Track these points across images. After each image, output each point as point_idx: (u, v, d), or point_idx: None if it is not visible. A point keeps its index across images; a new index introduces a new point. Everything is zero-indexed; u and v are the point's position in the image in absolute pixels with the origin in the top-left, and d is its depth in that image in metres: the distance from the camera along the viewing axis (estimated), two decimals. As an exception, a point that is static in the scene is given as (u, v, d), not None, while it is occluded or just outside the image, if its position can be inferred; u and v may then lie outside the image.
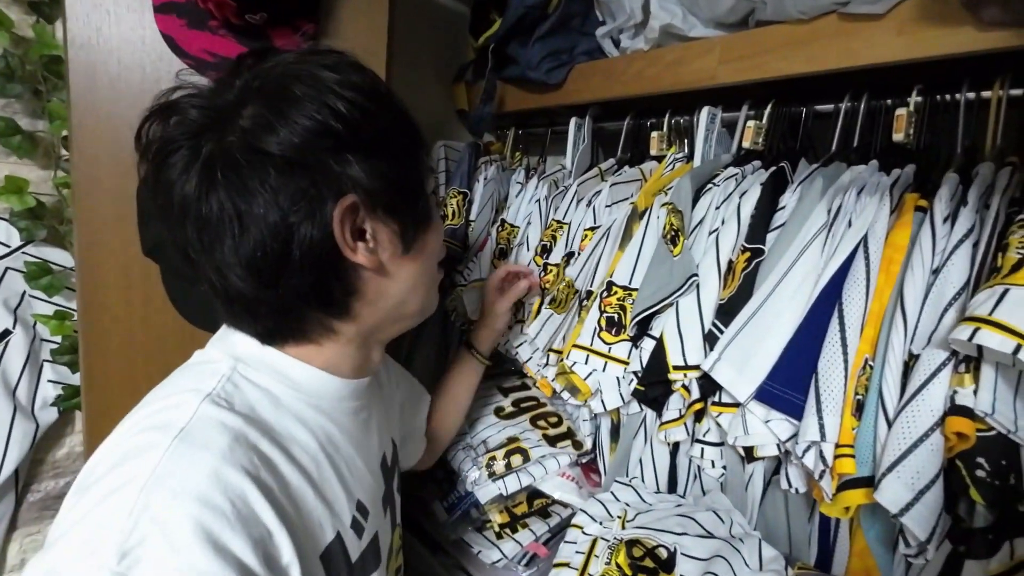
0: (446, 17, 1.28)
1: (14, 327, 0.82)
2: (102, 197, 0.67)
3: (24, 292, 0.84)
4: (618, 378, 0.75)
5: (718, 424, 0.69)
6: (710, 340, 0.65)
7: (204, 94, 0.41)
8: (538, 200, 1.02)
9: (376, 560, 0.50)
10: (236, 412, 0.40)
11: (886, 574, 0.57)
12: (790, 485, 0.61)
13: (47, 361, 0.86)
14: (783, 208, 0.67)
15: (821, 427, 0.51)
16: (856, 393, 0.52)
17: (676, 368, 0.66)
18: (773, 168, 0.72)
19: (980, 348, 0.45)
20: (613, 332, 0.76)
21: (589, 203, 0.92)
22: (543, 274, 0.93)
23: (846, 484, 0.52)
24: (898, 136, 0.65)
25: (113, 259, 0.69)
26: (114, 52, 0.64)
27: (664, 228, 0.73)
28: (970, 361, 0.47)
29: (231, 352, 0.45)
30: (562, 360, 0.76)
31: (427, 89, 1.24)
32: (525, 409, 0.95)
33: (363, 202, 0.42)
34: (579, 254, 0.88)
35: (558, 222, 0.96)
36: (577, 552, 0.70)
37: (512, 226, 1.05)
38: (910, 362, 0.52)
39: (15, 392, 0.82)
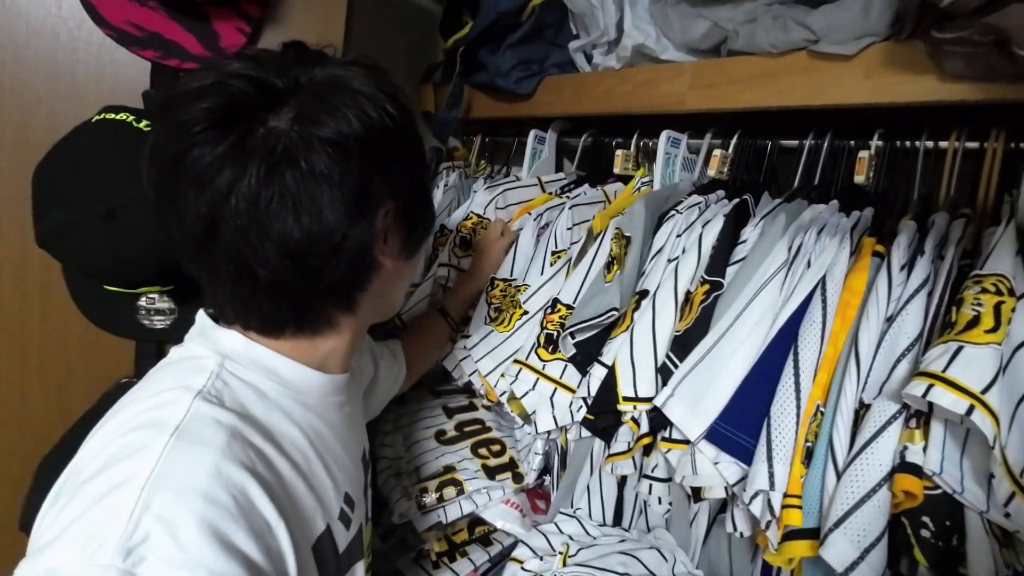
0: (416, 14, 1.24)
1: None
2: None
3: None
4: (551, 399, 0.72)
5: (667, 460, 0.67)
6: (663, 373, 0.62)
7: (251, 78, 0.40)
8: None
9: (360, 551, 0.51)
10: (228, 409, 0.40)
11: (826, 623, 0.55)
12: (735, 528, 0.59)
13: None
14: (744, 242, 0.65)
15: (771, 475, 0.49)
16: (806, 440, 0.51)
17: (626, 399, 0.63)
18: (737, 200, 0.71)
19: (931, 404, 0.44)
20: (550, 349, 0.73)
21: (539, 220, 0.90)
22: (489, 288, 0.90)
23: (792, 535, 0.50)
24: (859, 178, 0.65)
25: (7, 248, 0.61)
26: (22, 15, 0.57)
27: (608, 253, 0.71)
28: (921, 416, 0.46)
29: (217, 349, 0.44)
30: (484, 376, 0.74)
31: (391, 87, 1.19)
32: (468, 434, 0.90)
33: (395, 206, 0.45)
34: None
35: (478, 215, 0.93)
36: (514, 591, 0.66)
37: (480, 216, 0.99)
38: (861, 411, 0.51)
39: None
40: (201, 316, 0.47)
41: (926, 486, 0.44)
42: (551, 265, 0.85)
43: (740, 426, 0.53)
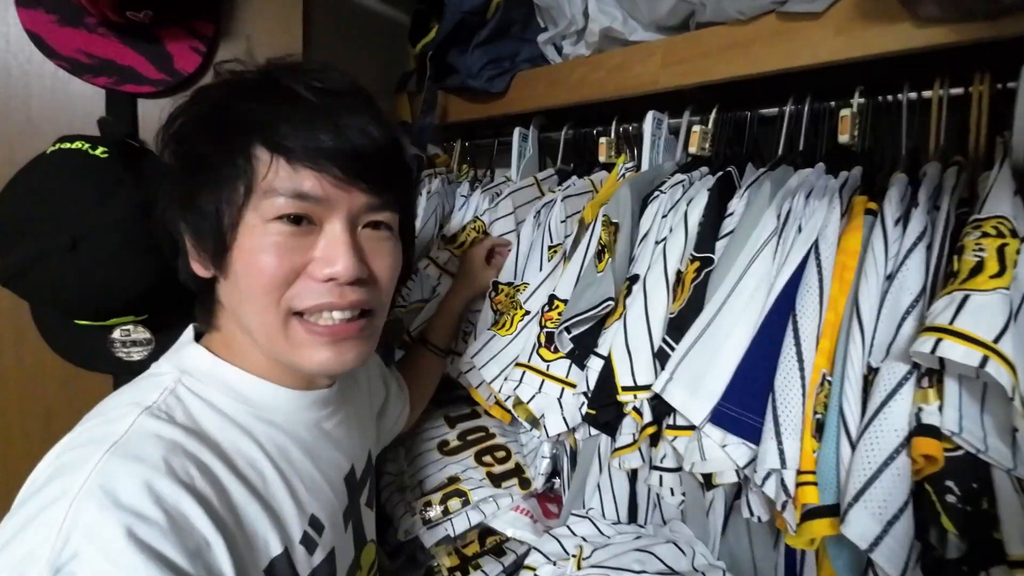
0: (386, 25, 1.23)
1: None
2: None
3: None
4: (560, 400, 0.69)
5: (674, 448, 0.64)
6: (660, 358, 0.60)
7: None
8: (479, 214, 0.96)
9: None
10: (176, 424, 0.40)
11: (856, 606, 0.52)
12: (752, 513, 0.56)
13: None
14: (731, 214, 0.63)
15: (780, 452, 0.46)
16: (815, 412, 0.48)
17: (625, 389, 0.61)
18: (720, 173, 0.69)
19: (942, 360, 0.41)
20: (552, 349, 0.70)
21: (537, 217, 0.88)
22: (493, 294, 0.88)
23: (810, 514, 0.47)
24: (843, 138, 0.63)
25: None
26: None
27: (598, 241, 0.69)
28: (933, 374, 0.43)
29: (179, 365, 0.45)
30: (489, 383, 0.71)
31: (366, 100, 1.18)
32: (472, 443, 0.88)
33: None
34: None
35: (480, 219, 0.91)
36: (528, 600, 0.63)
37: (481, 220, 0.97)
38: (870, 376, 0.48)
39: None
40: (186, 332, 0.48)
41: (946, 448, 0.42)
42: (548, 260, 0.83)
43: (744, 404, 0.51)
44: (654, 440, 0.67)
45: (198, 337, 0.48)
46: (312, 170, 0.41)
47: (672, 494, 0.67)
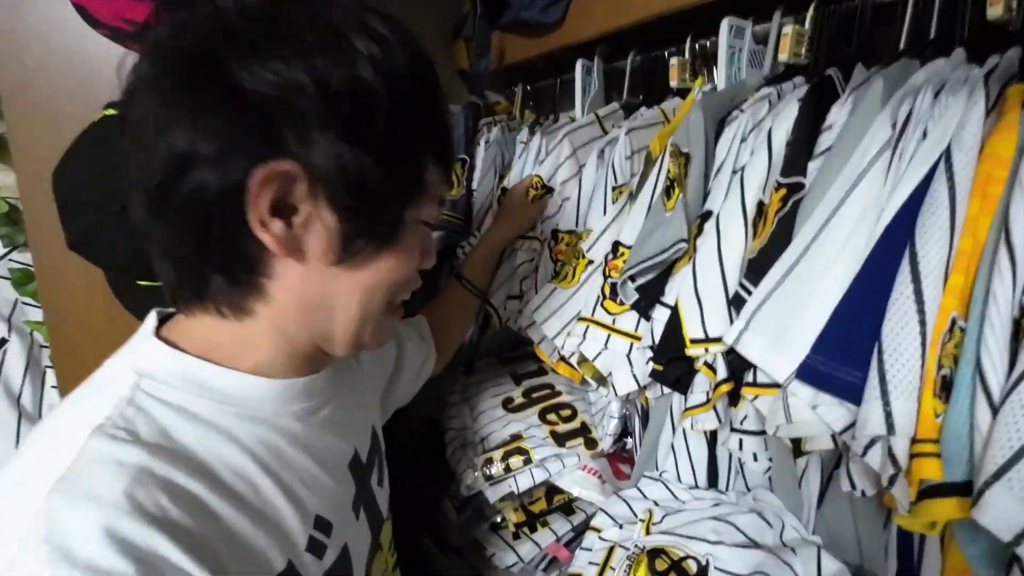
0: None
1: (10, 335, 0.82)
2: (51, 195, 0.62)
3: (16, 300, 0.83)
4: (628, 357, 0.63)
5: (756, 409, 0.55)
6: (737, 305, 0.51)
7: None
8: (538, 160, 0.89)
9: (346, 573, 0.44)
10: (140, 443, 0.33)
11: (996, 603, 0.42)
12: (853, 487, 0.47)
13: (48, 367, 0.85)
14: (829, 128, 0.51)
15: (888, 415, 0.37)
16: (940, 367, 0.38)
17: (695, 342, 0.53)
18: (816, 80, 0.56)
19: None
20: (618, 301, 0.63)
21: (601, 157, 0.79)
22: (553, 243, 0.82)
23: (931, 491, 0.38)
24: (995, 10, 0.47)
25: (73, 259, 0.65)
26: (36, 33, 0.59)
27: (666, 176, 0.59)
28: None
29: (136, 366, 0.37)
30: (552, 339, 0.66)
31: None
32: (536, 400, 0.84)
33: (306, 178, 0.35)
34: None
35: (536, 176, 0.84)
36: (591, 563, 0.60)
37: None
38: (1022, 320, 0.36)
39: (19, 400, 0.82)
40: (146, 322, 0.40)
41: None
42: (613, 203, 0.75)
43: (842, 357, 0.41)
44: (733, 399, 0.59)
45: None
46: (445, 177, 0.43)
47: (755, 459, 0.59)
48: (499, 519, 0.78)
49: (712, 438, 0.68)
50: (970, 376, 0.37)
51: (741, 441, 0.58)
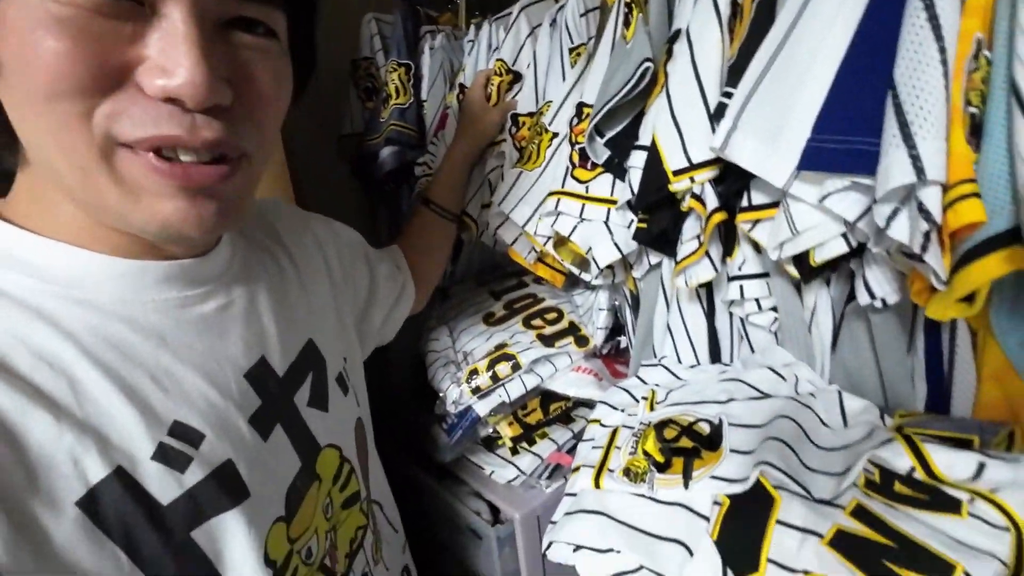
0: None
1: None
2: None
3: None
4: (607, 224, 0.56)
5: (755, 245, 0.50)
6: (720, 118, 0.44)
7: None
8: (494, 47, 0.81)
9: (234, 496, 0.34)
10: None
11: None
12: (872, 296, 0.41)
13: None
14: None
15: (915, 159, 0.30)
16: (968, 103, 0.32)
17: (679, 173, 0.46)
18: None
19: None
20: (588, 166, 0.57)
21: (554, 22, 0.71)
22: (514, 130, 0.74)
23: (969, 255, 0.32)
24: None
25: None
26: None
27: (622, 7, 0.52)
28: None
29: None
30: (523, 227, 0.59)
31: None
32: (519, 310, 0.78)
33: None
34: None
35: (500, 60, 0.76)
36: (594, 448, 0.54)
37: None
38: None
39: None
40: None
41: None
42: (572, 67, 0.67)
43: (850, 126, 0.35)
44: (728, 249, 0.53)
45: None
46: None
47: (759, 308, 0.54)
48: (493, 432, 0.72)
49: (710, 308, 0.62)
50: (1003, 108, 0.31)
51: (742, 288, 0.53)
